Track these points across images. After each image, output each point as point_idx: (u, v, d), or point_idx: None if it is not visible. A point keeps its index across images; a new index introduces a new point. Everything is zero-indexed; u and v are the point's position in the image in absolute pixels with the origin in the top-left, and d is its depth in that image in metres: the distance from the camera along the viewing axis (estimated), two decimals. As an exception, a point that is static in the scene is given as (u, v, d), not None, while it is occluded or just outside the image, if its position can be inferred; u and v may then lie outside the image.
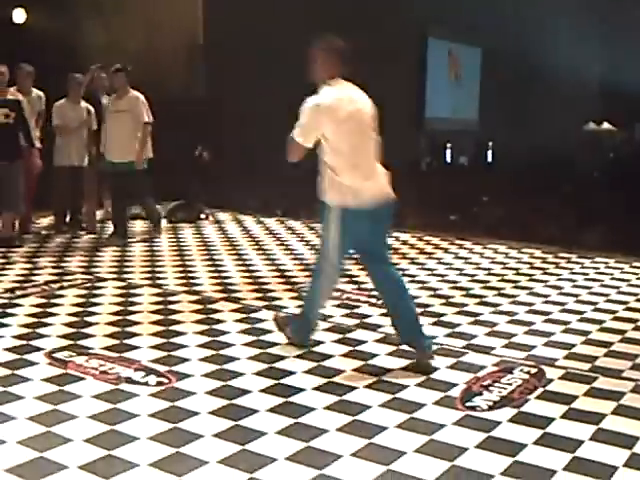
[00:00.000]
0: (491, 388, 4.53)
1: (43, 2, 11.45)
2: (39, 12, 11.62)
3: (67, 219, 9.78)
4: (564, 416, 4.15)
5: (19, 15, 11.60)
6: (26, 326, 5.50)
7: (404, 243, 9.34)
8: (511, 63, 24.18)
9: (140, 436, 3.77)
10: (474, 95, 25.80)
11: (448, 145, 23.88)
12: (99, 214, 10.22)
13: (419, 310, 6.11)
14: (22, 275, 7.11)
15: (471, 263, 8.22)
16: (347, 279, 7.22)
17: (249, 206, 11.88)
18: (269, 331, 5.51)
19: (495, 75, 24.48)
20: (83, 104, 9.49)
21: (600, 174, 17.34)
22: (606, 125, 29.13)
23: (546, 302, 6.59)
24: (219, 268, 7.63)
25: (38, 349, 5.00)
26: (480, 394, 4.43)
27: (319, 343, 5.27)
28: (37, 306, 6.04)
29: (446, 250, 8.96)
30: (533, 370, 4.85)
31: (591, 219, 10.68)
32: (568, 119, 26.78)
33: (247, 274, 7.43)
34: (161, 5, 13.49)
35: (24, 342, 5.14)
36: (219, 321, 5.75)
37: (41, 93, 9.37)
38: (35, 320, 5.65)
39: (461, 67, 25.11)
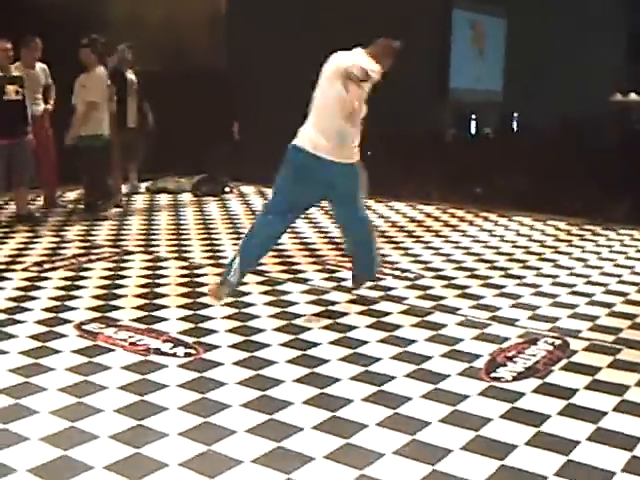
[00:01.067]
0: (515, 359, 4.56)
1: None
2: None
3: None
4: (588, 387, 4.18)
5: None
6: (55, 299, 5.59)
7: (428, 215, 9.35)
8: (536, 33, 23.95)
9: (169, 406, 3.84)
10: (498, 66, 25.62)
11: (473, 116, 23.75)
12: (124, 187, 10.32)
13: (444, 282, 6.18)
14: (50, 249, 7.20)
15: (496, 235, 8.22)
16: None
17: (273, 179, 11.89)
18: (295, 303, 5.58)
19: (519, 46, 24.26)
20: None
21: (627, 145, 17.18)
22: (633, 96, 28.79)
23: (571, 274, 6.60)
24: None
25: (67, 321, 5.09)
26: (504, 365, 4.46)
27: (344, 314, 5.32)
28: (66, 279, 6.12)
29: (471, 222, 8.96)
30: (557, 342, 4.87)
31: (617, 191, 10.61)
32: (594, 89, 26.52)
33: (272, 247, 7.46)
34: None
35: (53, 315, 5.23)
36: (245, 293, 5.81)
37: (45, 66, 9.22)
38: (64, 293, 5.74)
39: (485, 38, 24.90)
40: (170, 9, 12.85)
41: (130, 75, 9.89)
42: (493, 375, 4.32)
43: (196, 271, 6.46)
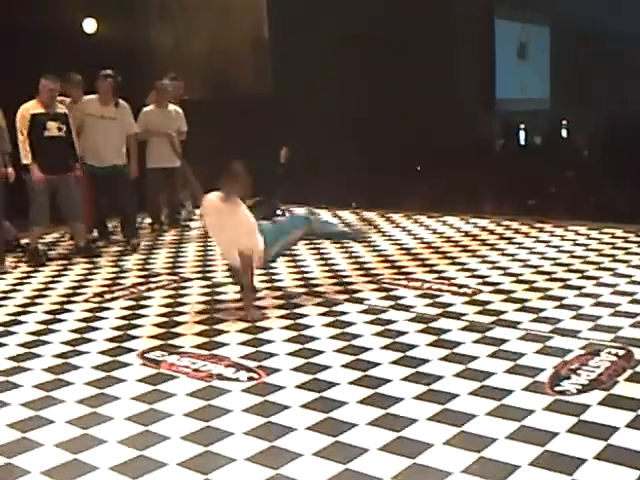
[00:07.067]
0: (579, 371, 4.51)
1: (111, 11, 11.70)
2: (108, 21, 11.89)
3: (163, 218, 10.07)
4: (655, 397, 4.12)
5: (90, 25, 11.90)
6: (117, 329, 5.68)
7: (483, 229, 9.29)
8: (580, 38, 23.75)
9: (235, 431, 3.87)
10: (544, 73, 25.44)
11: (521, 125, 23.56)
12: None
13: (503, 296, 6.13)
14: (110, 279, 7.32)
15: (552, 246, 8.13)
16: (427, 269, 7.24)
17: (323, 200, 11.94)
18: (353, 323, 5.58)
19: (564, 51, 24.08)
20: (171, 107, 9.65)
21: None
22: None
23: (630, 282, 6.49)
24: (298, 263, 7.71)
25: (131, 350, 5.17)
26: (568, 378, 4.42)
27: (403, 333, 5.31)
28: (126, 309, 6.22)
29: (526, 234, 8.87)
30: (621, 352, 4.80)
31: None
32: (640, 90, 26.13)
33: (326, 267, 7.50)
34: (225, 3, 13.65)
35: (117, 344, 5.32)
36: (303, 315, 5.84)
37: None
38: (126, 322, 5.83)
39: (529, 47, 24.76)
40: (213, 38, 13.03)
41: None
42: (557, 389, 4.28)
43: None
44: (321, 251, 8.31)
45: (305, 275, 7.18)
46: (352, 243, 8.66)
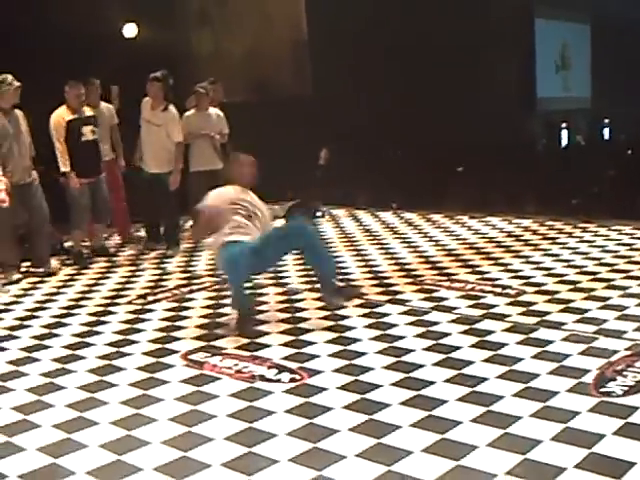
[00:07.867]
0: (625, 373, 4.44)
1: (152, 16, 11.76)
2: (149, 26, 11.96)
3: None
4: None
5: (130, 30, 12.00)
6: (161, 330, 5.72)
7: (526, 229, 9.20)
8: (621, 36, 23.47)
9: (278, 432, 3.87)
10: (585, 72, 25.17)
11: (563, 125, 23.32)
12: None
13: (547, 297, 6.05)
14: (152, 281, 7.37)
15: (596, 246, 8.02)
16: (470, 269, 7.19)
17: (363, 201, 11.93)
18: (395, 325, 5.55)
19: (604, 50, 23.81)
20: (212, 110, 9.67)
21: None
22: None
23: (677, 282, 6.39)
24: (339, 264, 7.67)
25: (174, 352, 5.20)
26: (614, 379, 4.35)
27: (446, 335, 5.27)
28: (169, 310, 6.26)
29: (570, 234, 8.77)
30: (668, 353, 4.73)
31: None
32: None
33: (367, 269, 7.48)
34: (264, 6, 13.69)
35: (160, 345, 5.36)
36: (344, 317, 5.82)
37: (110, 106, 9.33)
38: (169, 324, 5.87)
39: (570, 48, 24.54)
40: (253, 41, 13.08)
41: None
42: (603, 390, 4.22)
43: (294, 297, 6.50)
44: (361, 252, 8.30)
45: (346, 277, 7.16)
46: (392, 244, 8.65)
